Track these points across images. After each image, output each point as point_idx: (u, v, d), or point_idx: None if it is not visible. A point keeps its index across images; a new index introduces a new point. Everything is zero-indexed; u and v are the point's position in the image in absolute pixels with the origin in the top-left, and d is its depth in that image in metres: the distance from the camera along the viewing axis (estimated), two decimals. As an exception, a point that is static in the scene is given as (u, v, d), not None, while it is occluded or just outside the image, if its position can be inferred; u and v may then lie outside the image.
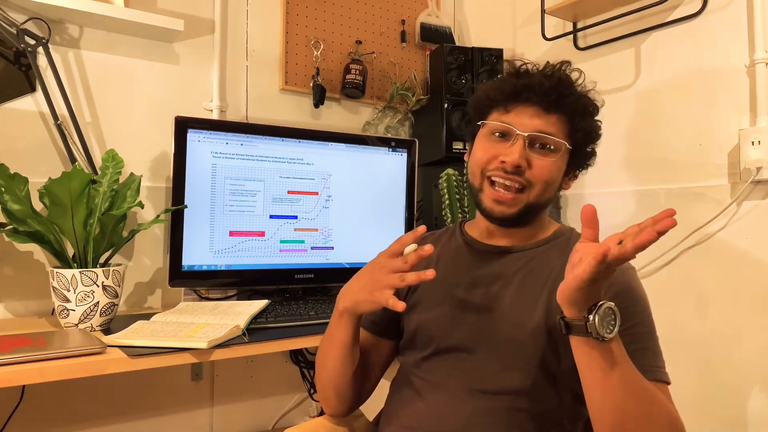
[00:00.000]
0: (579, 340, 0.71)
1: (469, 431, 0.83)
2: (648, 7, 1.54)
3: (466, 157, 0.97)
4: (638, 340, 0.80)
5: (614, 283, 0.81)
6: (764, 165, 1.31)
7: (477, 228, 0.98)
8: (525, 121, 0.86)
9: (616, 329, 0.68)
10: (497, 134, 0.88)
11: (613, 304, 0.68)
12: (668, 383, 0.80)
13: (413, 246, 0.81)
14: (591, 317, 0.67)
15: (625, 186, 1.65)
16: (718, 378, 1.41)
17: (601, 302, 0.68)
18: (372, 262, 0.84)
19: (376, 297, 0.80)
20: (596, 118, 0.93)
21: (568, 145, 0.88)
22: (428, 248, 0.78)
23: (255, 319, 1.24)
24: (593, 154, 0.94)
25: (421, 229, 0.81)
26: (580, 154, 0.92)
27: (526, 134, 0.85)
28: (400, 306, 0.76)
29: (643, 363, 0.77)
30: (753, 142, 1.34)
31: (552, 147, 0.87)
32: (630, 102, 1.64)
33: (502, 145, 0.87)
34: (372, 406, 1.03)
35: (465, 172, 1.53)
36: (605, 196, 1.70)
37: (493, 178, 0.87)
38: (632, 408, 0.70)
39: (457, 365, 0.88)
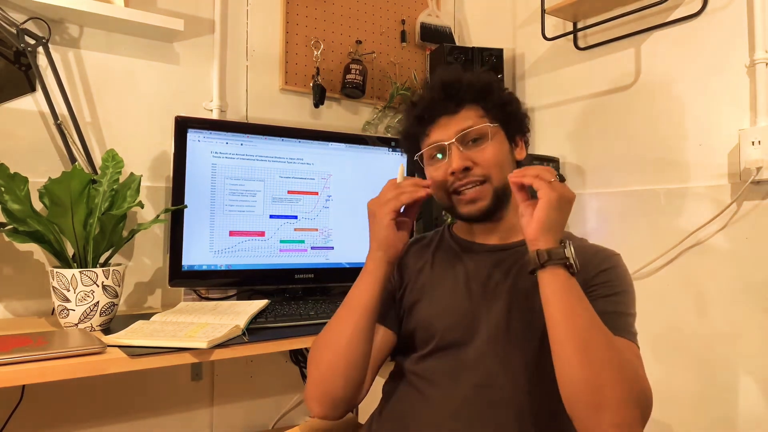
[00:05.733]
0: (549, 273, 0.76)
1: (472, 428, 0.84)
2: (648, 7, 1.54)
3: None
4: (616, 307, 0.83)
5: (605, 260, 0.89)
6: (764, 165, 1.31)
7: (462, 230, 1.03)
8: (444, 131, 0.93)
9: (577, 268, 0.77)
10: (436, 156, 0.95)
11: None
12: (638, 347, 0.82)
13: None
14: (566, 244, 0.77)
15: (625, 186, 1.65)
16: (718, 377, 1.41)
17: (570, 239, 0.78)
18: (379, 195, 0.93)
19: (402, 198, 0.89)
20: (500, 87, 0.98)
21: (490, 125, 0.93)
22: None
23: (255, 319, 1.24)
24: (524, 116, 0.99)
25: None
26: (509, 123, 0.96)
27: (453, 140, 0.92)
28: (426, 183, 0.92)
29: (616, 324, 0.80)
30: (753, 142, 1.34)
31: (480, 136, 0.92)
32: (630, 102, 1.64)
33: (444, 162, 0.93)
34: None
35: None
36: (605, 196, 1.70)
37: (456, 188, 0.93)
38: (596, 336, 0.73)
39: (456, 363, 0.88)
